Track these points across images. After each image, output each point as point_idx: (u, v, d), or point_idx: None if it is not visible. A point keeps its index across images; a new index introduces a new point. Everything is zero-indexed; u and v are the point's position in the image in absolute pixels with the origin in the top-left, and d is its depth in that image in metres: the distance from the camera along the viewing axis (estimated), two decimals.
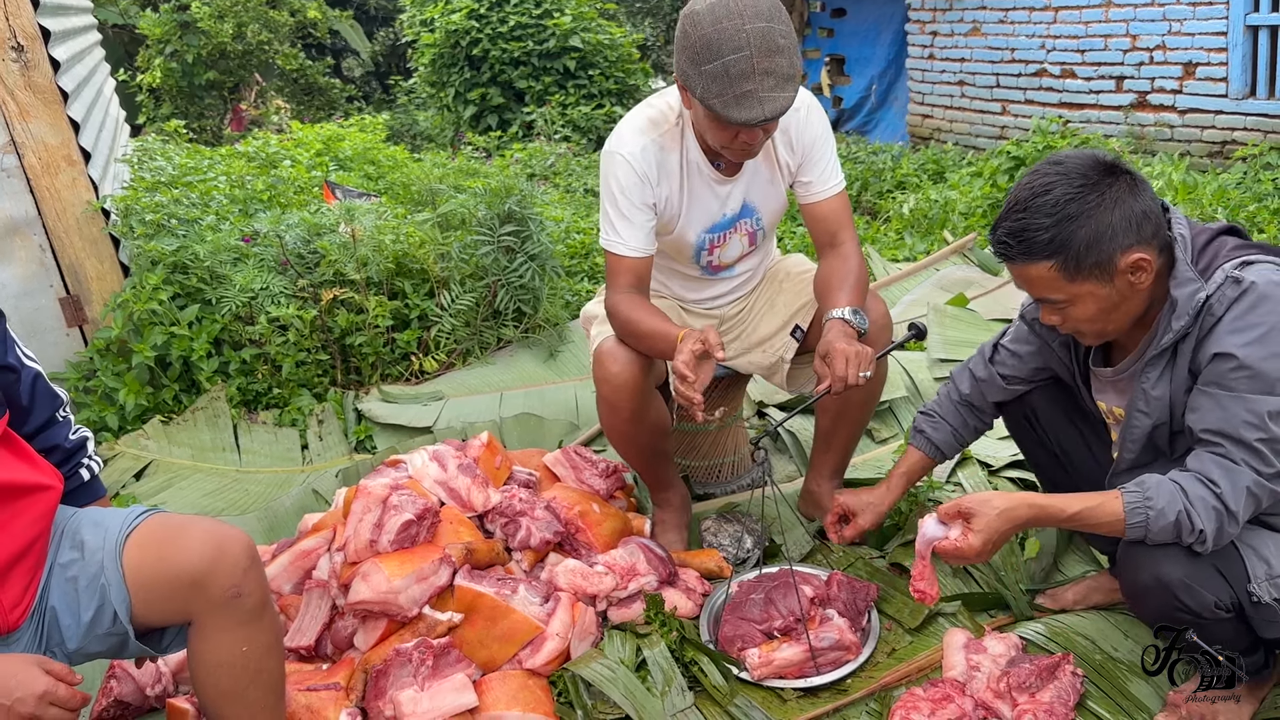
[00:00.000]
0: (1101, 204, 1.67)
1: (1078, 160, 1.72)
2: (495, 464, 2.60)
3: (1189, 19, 6.44)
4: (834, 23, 9.97)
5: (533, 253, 4.17)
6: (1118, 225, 1.67)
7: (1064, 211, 1.68)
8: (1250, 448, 1.64)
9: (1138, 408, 1.82)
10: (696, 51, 2.13)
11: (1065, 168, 1.71)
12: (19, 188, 3.66)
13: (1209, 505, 1.66)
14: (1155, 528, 1.69)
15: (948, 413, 2.28)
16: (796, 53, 2.16)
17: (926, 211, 5.90)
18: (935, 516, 1.90)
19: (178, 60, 11.08)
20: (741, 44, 2.08)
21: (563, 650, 2.22)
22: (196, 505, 3.26)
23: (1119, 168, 1.71)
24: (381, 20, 16.06)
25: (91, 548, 1.64)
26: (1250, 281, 1.66)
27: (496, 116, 10.09)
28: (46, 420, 1.81)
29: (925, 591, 1.97)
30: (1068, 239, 1.68)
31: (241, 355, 3.86)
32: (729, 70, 2.10)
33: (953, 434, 2.27)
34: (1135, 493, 1.71)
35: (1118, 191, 1.68)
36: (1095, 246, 1.67)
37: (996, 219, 1.77)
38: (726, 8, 2.11)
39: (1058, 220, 1.68)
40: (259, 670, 1.70)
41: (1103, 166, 1.70)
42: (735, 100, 2.11)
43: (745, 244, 2.59)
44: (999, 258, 1.80)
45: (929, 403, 2.33)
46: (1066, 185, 1.68)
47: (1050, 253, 1.70)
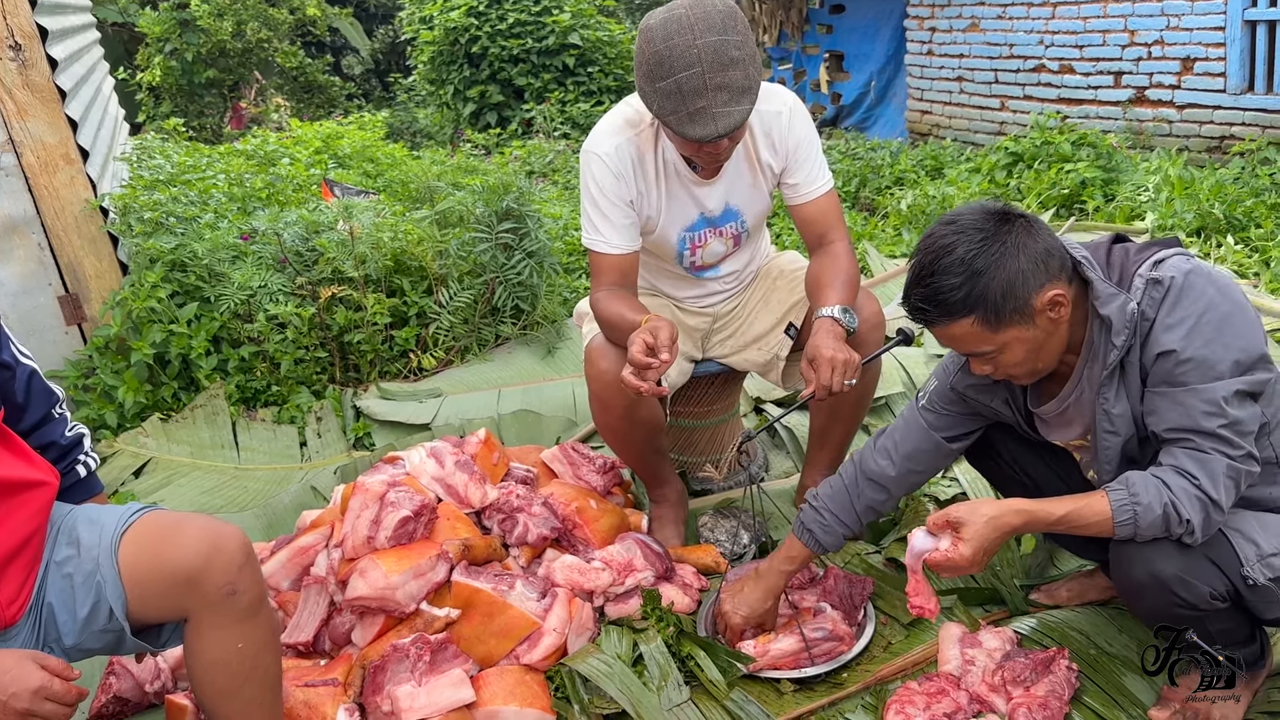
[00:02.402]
0: (1005, 251, 1.70)
1: (970, 215, 1.74)
2: (493, 460, 2.61)
3: (1187, 14, 6.43)
4: (832, 19, 9.96)
5: (531, 250, 4.17)
6: (1026, 268, 1.70)
7: (971, 267, 1.69)
8: (1215, 435, 1.66)
9: (1104, 429, 1.82)
10: (650, 68, 2.13)
11: (960, 224, 1.73)
12: (17, 186, 3.66)
13: (1191, 495, 1.67)
14: (1144, 523, 1.69)
15: (840, 506, 2.18)
16: (753, 63, 2.14)
17: (925, 207, 5.90)
18: (924, 529, 1.89)
19: (177, 58, 11.09)
20: (693, 60, 2.08)
21: (560, 645, 2.23)
22: (195, 503, 3.27)
23: (1011, 213, 1.74)
24: (381, 18, 16.06)
25: (87, 544, 1.65)
26: (1170, 277, 1.70)
27: (496, 114, 10.09)
28: (42, 417, 1.81)
29: (923, 606, 1.94)
30: (983, 292, 1.70)
31: (240, 353, 3.86)
32: (681, 88, 2.09)
33: (843, 533, 2.18)
34: (1120, 490, 1.72)
35: (1017, 236, 1.71)
36: (1010, 293, 1.70)
37: (905, 287, 1.79)
38: (679, 22, 2.10)
39: (968, 276, 1.69)
40: (255, 667, 1.71)
41: (996, 215, 1.73)
42: (689, 117, 2.11)
43: (729, 245, 2.59)
44: (919, 323, 1.82)
45: (819, 491, 2.23)
46: (967, 242, 1.70)
47: (969, 309, 1.71)
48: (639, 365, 2.06)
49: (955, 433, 2.13)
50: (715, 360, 2.76)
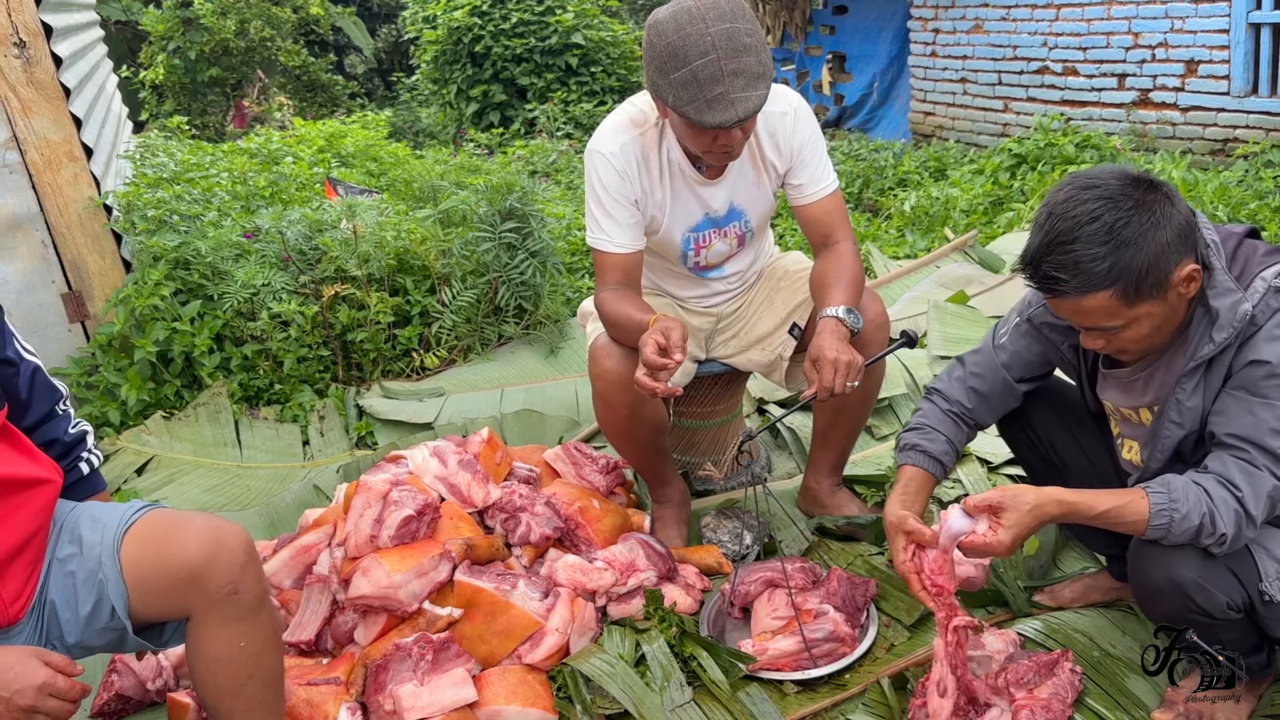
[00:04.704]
0: (1155, 222, 1.61)
1: (1114, 181, 1.65)
2: (496, 460, 2.61)
3: (1191, 16, 6.43)
4: (835, 20, 9.95)
5: (534, 249, 4.17)
6: (1171, 241, 1.62)
7: (1120, 237, 1.60)
8: (1274, 455, 1.63)
9: (1170, 418, 1.78)
10: (664, 61, 2.12)
11: (1105, 190, 1.63)
12: (21, 183, 3.66)
13: (1231, 509, 1.64)
14: (1177, 530, 1.66)
15: (938, 422, 2.07)
16: (765, 49, 2.14)
17: (928, 209, 5.90)
18: (959, 509, 1.81)
19: (180, 57, 11.09)
20: (707, 48, 2.08)
21: (562, 645, 2.22)
22: (198, 501, 3.27)
23: (1155, 181, 1.66)
24: (384, 17, 16.06)
25: (90, 542, 1.65)
26: None
27: (498, 113, 10.09)
28: (46, 414, 1.81)
29: (944, 587, 1.87)
30: (1127, 264, 1.61)
31: (243, 351, 3.86)
32: (697, 76, 2.09)
33: (948, 443, 2.05)
34: (1161, 494, 1.68)
35: (1163, 206, 1.63)
36: (1154, 267, 1.62)
37: (1030, 253, 1.68)
38: (689, 13, 2.10)
39: (1115, 247, 1.60)
40: (257, 665, 1.70)
41: (1142, 184, 1.64)
42: (707, 104, 2.11)
43: (733, 245, 2.59)
44: (1046, 293, 1.71)
45: (911, 422, 2.12)
46: (1115, 209, 1.61)
47: (1110, 281, 1.62)
48: (653, 366, 2.06)
49: (1024, 374, 2.04)
50: (718, 360, 2.76)
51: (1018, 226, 5.39)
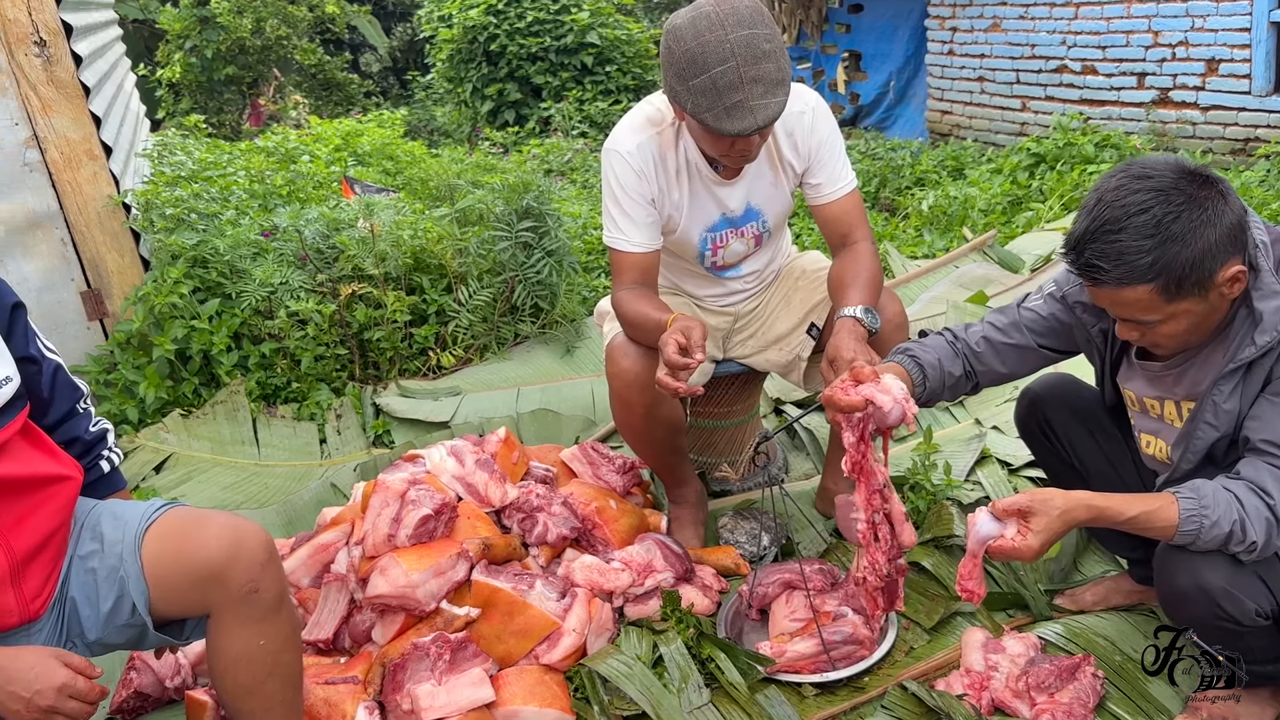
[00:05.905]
0: (1205, 220, 1.57)
1: (1167, 173, 1.61)
2: (513, 459, 2.61)
3: (1212, 15, 6.37)
4: (851, 18, 9.91)
5: (550, 248, 4.17)
6: (1219, 241, 1.58)
7: (1167, 232, 1.57)
8: None
9: (1205, 419, 1.75)
10: (682, 67, 2.11)
11: (1158, 182, 1.59)
12: (41, 182, 3.68)
13: (1263, 516, 1.62)
14: (1207, 537, 1.64)
15: (937, 345, 2.06)
16: (784, 55, 2.13)
17: (946, 208, 5.87)
18: (988, 513, 1.79)
19: (197, 55, 11.13)
20: (726, 55, 2.06)
21: (579, 646, 2.22)
22: (215, 498, 3.28)
23: (1210, 176, 1.62)
24: (399, 16, 16.09)
25: (111, 540, 1.65)
26: None
27: (514, 112, 10.09)
28: (67, 412, 1.82)
29: (974, 591, 1.85)
30: (1171, 260, 1.57)
31: (261, 349, 3.88)
32: (717, 83, 2.08)
33: (938, 363, 2.03)
34: (1191, 500, 1.66)
35: (1215, 204, 1.59)
36: (1199, 266, 1.59)
37: (1075, 238, 1.65)
38: (708, 19, 2.09)
39: (1161, 241, 1.57)
40: (276, 664, 1.71)
41: (1197, 178, 1.61)
42: (726, 112, 2.09)
43: (750, 245, 2.58)
44: (1086, 280, 1.69)
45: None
46: (1165, 203, 1.58)
47: (1152, 275, 1.59)
48: (675, 366, 2.05)
49: (1041, 338, 2.01)
50: (736, 360, 2.74)
51: (1036, 226, 5.36)
